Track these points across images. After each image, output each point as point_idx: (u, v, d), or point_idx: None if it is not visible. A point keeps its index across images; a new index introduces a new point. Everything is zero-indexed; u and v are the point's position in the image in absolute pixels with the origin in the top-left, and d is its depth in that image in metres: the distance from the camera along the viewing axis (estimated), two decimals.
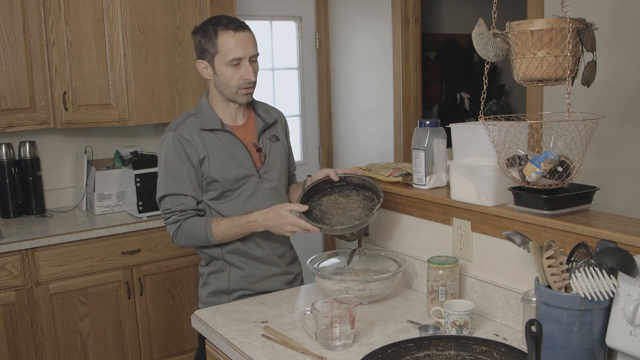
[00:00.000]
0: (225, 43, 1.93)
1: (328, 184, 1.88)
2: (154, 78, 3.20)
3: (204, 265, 2.11)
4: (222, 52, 1.94)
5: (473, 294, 1.83)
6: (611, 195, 2.57)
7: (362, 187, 1.88)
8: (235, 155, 2.02)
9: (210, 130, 2.01)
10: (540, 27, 1.48)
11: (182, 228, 1.98)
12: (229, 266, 2.06)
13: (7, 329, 2.78)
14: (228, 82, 1.97)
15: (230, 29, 1.93)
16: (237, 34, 1.94)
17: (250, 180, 2.03)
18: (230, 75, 1.96)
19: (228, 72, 1.95)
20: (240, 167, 2.02)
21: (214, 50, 1.95)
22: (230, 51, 1.93)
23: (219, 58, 1.95)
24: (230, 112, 2.05)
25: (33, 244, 2.81)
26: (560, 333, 1.34)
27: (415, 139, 1.99)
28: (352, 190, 1.88)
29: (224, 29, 1.93)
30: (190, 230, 1.97)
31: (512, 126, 1.62)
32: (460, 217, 1.86)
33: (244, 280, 2.06)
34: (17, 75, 3.01)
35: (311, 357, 1.56)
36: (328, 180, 1.93)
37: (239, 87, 1.97)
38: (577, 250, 1.41)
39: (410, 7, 3.74)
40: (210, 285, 2.09)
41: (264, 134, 2.10)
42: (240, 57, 1.94)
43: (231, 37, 1.93)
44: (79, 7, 3.05)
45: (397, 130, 3.86)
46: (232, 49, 1.93)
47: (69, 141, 3.48)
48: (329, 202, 1.93)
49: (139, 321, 3.11)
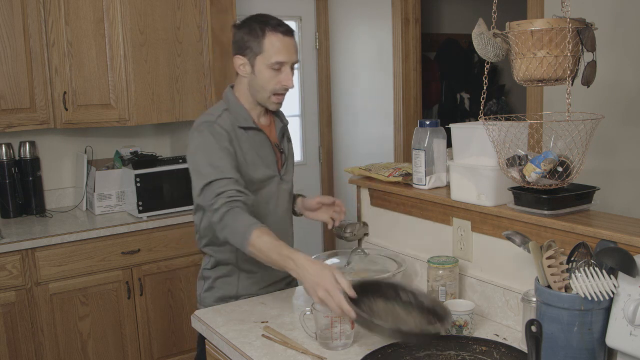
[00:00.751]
0: (271, 45, 1.85)
1: (391, 289, 1.60)
2: (154, 78, 3.20)
3: (210, 269, 2.05)
4: (267, 53, 1.86)
5: (473, 294, 1.83)
6: (611, 195, 2.57)
7: (430, 312, 1.56)
8: (264, 155, 1.96)
9: (243, 128, 1.94)
10: (540, 27, 1.48)
11: (226, 219, 1.74)
12: (238, 271, 2.02)
13: (7, 329, 2.78)
14: (265, 84, 1.89)
15: (279, 32, 1.86)
16: (285, 37, 1.87)
17: (273, 181, 1.99)
18: (269, 78, 1.88)
19: (267, 74, 1.88)
20: (266, 168, 1.97)
21: (258, 49, 1.86)
22: (275, 54, 1.85)
23: (261, 58, 1.87)
24: (256, 112, 1.98)
25: (33, 244, 2.81)
26: (560, 333, 1.34)
27: (415, 139, 1.99)
28: (416, 309, 1.57)
29: (273, 30, 1.86)
30: (232, 225, 1.73)
31: (512, 126, 1.62)
32: (460, 217, 1.86)
33: (254, 286, 2.03)
34: (17, 75, 3.01)
35: (311, 357, 1.56)
36: (394, 286, 1.62)
37: (274, 91, 1.91)
38: (577, 250, 1.41)
39: (410, 7, 3.75)
40: (217, 290, 2.04)
41: (283, 135, 2.07)
42: (283, 62, 1.87)
43: (279, 40, 1.86)
44: (79, 7, 3.05)
45: (397, 130, 3.86)
46: (278, 52, 1.86)
47: (69, 141, 3.48)
48: (385, 307, 1.61)
49: (139, 321, 3.11)
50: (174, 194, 3.21)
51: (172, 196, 3.21)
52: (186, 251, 3.19)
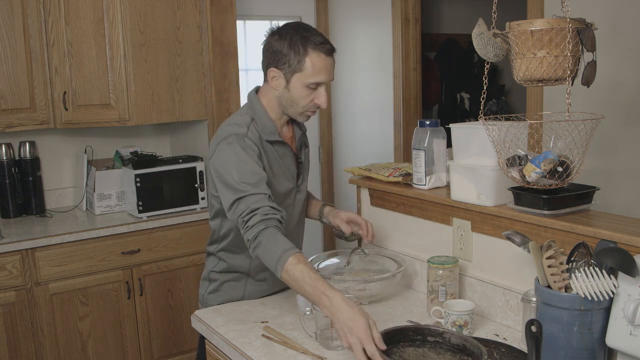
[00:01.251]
0: (312, 65, 1.76)
1: (420, 334, 1.55)
2: (154, 78, 3.20)
3: (218, 272, 2.01)
4: (306, 72, 1.77)
5: (473, 294, 1.83)
6: (611, 195, 2.57)
7: (460, 350, 1.50)
8: (287, 168, 1.92)
9: (270, 142, 1.87)
10: (540, 27, 1.48)
11: (261, 238, 1.67)
12: (247, 277, 2.00)
13: (7, 329, 2.78)
14: (298, 101, 1.82)
15: (322, 52, 1.77)
16: (327, 58, 1.78)
17: (292, 193, 1.96)
18: (304, 96, 1.81)
19: (303, 92, 1.80)
20: (289, 181, 1.92)
21: (297, 67, 1.77)
22: (315, 75, 1.77)
23: (299, 76, 1.78)
24: (281, 123, 1.91)
25: (33, 244, 2.81)
26: (560, 333, 1.34)
27: (415, 139, 1.99)
28: (448, 350, 1.52)
29: (316, 49, 1.76)
30: (268, 247, 1.66)
31: (512, 126, 1.62)
32: (460, 217, 1.86)
33: (260, 292, 2.03)
34: (17, 75, 3.01)
35: (311, 357, 1.56)
36: (420, 331, 1.56)
37: (307, 109, 1.84)
38: (577, 250, 1.41)
39: (410, 7, 3.75)
40: (223, 293, 2.02)
41: (301, 143, 2.01)
42: (321, 82, 1.80)
43: (321, 61, 1.77)
44: (79, 7, 3.05)
45: (397, 130, 3.86)
46: (318, 73, 1.78)
47: (69, 141, 3.48)
48: (416, 354, 1.56)
49: (139, 321, 3.11)
50: (174, 194, 3.22)
51: (172, 196, 3.21)
52: (186, 251, 3.19)
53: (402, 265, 1.95)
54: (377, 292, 1.87)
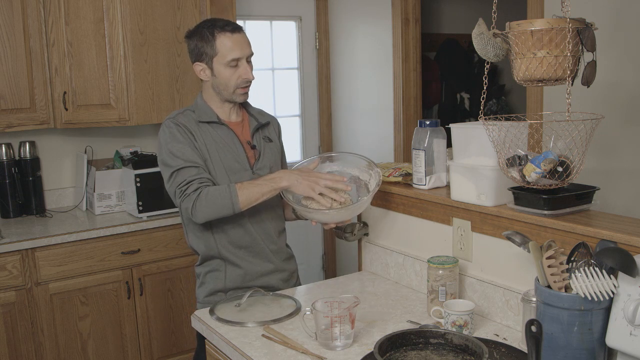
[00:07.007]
0: (223, 45, 1.99)
1: (422, 337, 1.55)
2: (154, 78, 3.20)
3: (199, 265, 2.12)
4: (221, 53, 2.00)
5: (473, 294, 1.84)
6: (611, 195, 2.57)
7: (463, 350, 1.51)
8: (230, 148, 2.05)
9: (207, 123, 2.05)
10: (540, 27, 1.48)
11: (202, 195, 1.89)
12: (224, 264, 2.06)
13: (7, 329, 2.78)
14: (227, 82, 2.03)
15: (227, 31, 2.00)
16: (234, 35, 2.00)
17: (244, 175, 2.05)
18: (229, 75, 2.02)
19: (227, 72, 2.01)
20: (235, 161, 2.05)
21: (212, 52, 2.00)
22: (229, 52, 1.99)
23: (217, 60, 2.01)
24: (225, 111, 2.10)
25: (33, 244, 2.81)
26: (560, 333, 1.34)
27: (415, 139, 1.99)
28: (451, 351, 1.52)
29: (221, 31, 2.00)
30: (213, 195, 1.89)
31: (512, 126, 1.62)
32: (460, 217, 1.87)
33: (241, 279, 2.06)
34: (17, 75, 3.01)
35: (311, 357, 1.56)
36: (422, 334, 1.57)
37: (237, 86, 2.04)
38: (577, 250, 1.41)
39: (410, 7, 3.74)
40: (207, 284, 2.09)
41: (257, 132, 2.14)
42: (238, 58, 2.01)
43: (229, 39, 2.00)
44: (79, 7, 3.05)
45: (397, 130, 3.86)
46: (231, 50, 2.00)
47: (69, 141, 3.48)
48: (418, 357, 1.56)
49: (139, 321, 3.11)
50: None
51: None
52: (186, 251, 3.18)
53: (373, 166, 2.01)
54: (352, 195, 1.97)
